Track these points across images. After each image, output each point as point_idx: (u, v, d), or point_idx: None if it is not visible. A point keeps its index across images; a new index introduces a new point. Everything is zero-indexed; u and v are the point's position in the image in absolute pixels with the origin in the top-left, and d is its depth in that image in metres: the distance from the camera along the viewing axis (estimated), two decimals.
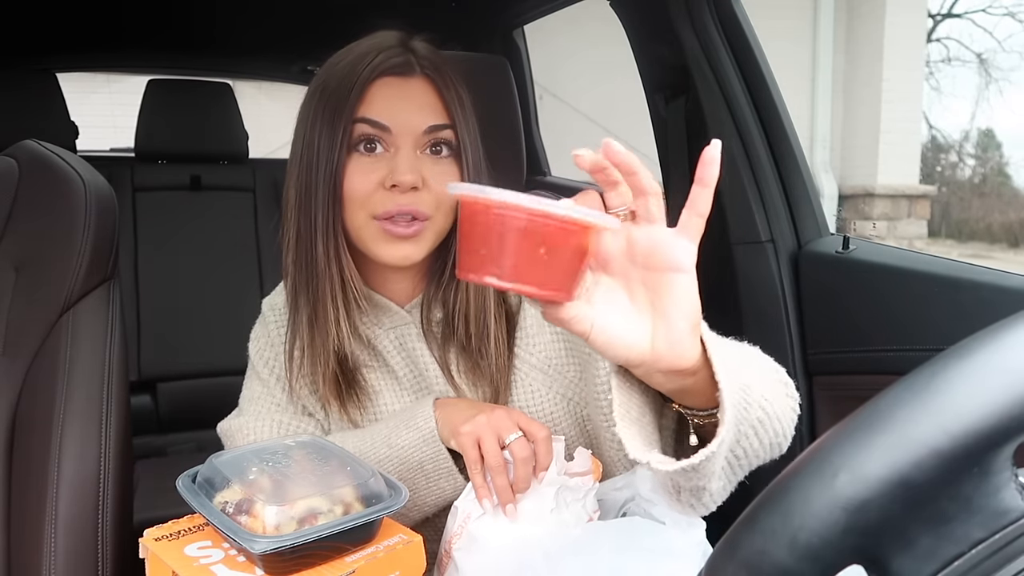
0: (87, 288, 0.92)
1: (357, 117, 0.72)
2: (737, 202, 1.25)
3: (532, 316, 0.79)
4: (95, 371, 0.90)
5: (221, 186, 2.26)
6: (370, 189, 0.72)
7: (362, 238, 0.74)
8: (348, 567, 0.61)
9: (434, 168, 0.74)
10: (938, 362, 0.28)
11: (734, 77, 1.24)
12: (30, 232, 0.94)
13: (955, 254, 6.83)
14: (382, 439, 0.78)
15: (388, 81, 0.73)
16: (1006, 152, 8.92)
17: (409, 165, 0.71)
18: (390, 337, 0.80)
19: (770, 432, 0.61)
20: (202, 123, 2.21)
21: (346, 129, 0.71)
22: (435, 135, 0.74)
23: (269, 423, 0.85)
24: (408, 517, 0.79)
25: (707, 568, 0.29)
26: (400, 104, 0.73)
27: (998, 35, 8.65)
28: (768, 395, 0.61)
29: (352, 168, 0.72)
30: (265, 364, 0.88)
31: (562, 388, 0.79)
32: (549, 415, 0.80)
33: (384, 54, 0.74)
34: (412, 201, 0.72)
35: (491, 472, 0.71)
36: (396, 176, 0.71)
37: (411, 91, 0.74)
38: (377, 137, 0.73)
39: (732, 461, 0.60)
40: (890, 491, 0.26)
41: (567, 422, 0.80)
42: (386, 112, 0.72)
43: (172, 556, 0.63)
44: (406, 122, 0.73)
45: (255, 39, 2.26)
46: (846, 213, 5.86)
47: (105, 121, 3.25)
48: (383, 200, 0.72)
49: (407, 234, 0.72)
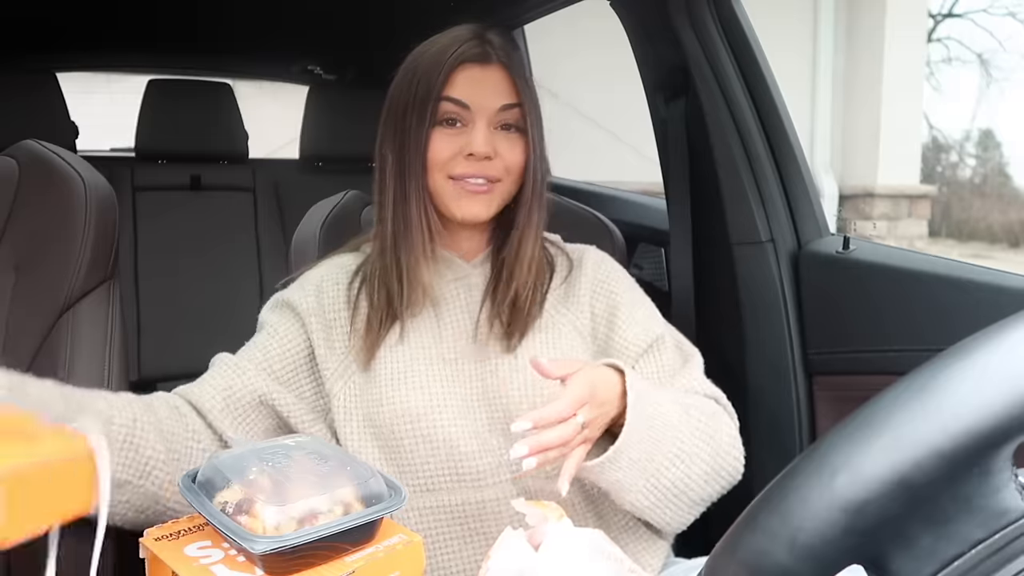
0: (87, 288, 0.92)
1: (443, 96, 0.85)
2: (737, 202, 1.25)
3: (586, 287, 0.94)
4: (95, 371, 0.90)
5: (221, 186, 2.26)
6: (449, 155, 0.85)
7: (441, 196, 0.87)
8: (348, 567, 0.61)
9: (504, 142, 0.87)
10: (938, 362, 0.28)
11: (734, 77, 1.24)
12: (30, 232, 0.94)
13: (955, 254, 6.84)
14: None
15: (468, 67, 0.86)
16: (1006, 152, 8.93)
17: (484, 138, 0.85)
18: (451, 288, 0.92)
19: (698, 463, 0.83)
20: (202, 123, 2.21)
21: (434, 107, 0.84)
22: (506, 114, 0.87)
23: (241, 367, 0.88)
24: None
25: (707, 568, 0.29)
26: (478, 87, 0.86)
27: (999, 35, 8.66)
28: (684, 429, 0.83)
29: (436, 138, 0.86)
30: (292, 320, 0.91)
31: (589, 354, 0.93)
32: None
33: (466, 45, 0.86)
34: (485, 167, 0.86)
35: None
36: (473, 147, 0.84)
37: (488, 76, 0.86)
38: (457, 114, 0.86)
39: (664, 490, 0.83)
40: (890, 491, 0.26)
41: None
42: (466, 93, 0.85)
43: (172, 556, 0.63)
44: (482, 101, 0.85)
45: (255, 39, 2.26)
46: (846, 213, 5.86)
47: (105, 121, 3.25)
48: (460, 164, 0.86)
49: (480, 190, 0.86)
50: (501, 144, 0.86)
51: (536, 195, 0.89)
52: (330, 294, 0.92)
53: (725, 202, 1.26)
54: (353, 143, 2.36)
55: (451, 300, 0.92)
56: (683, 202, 1.34)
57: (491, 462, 0.86)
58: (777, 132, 1.24)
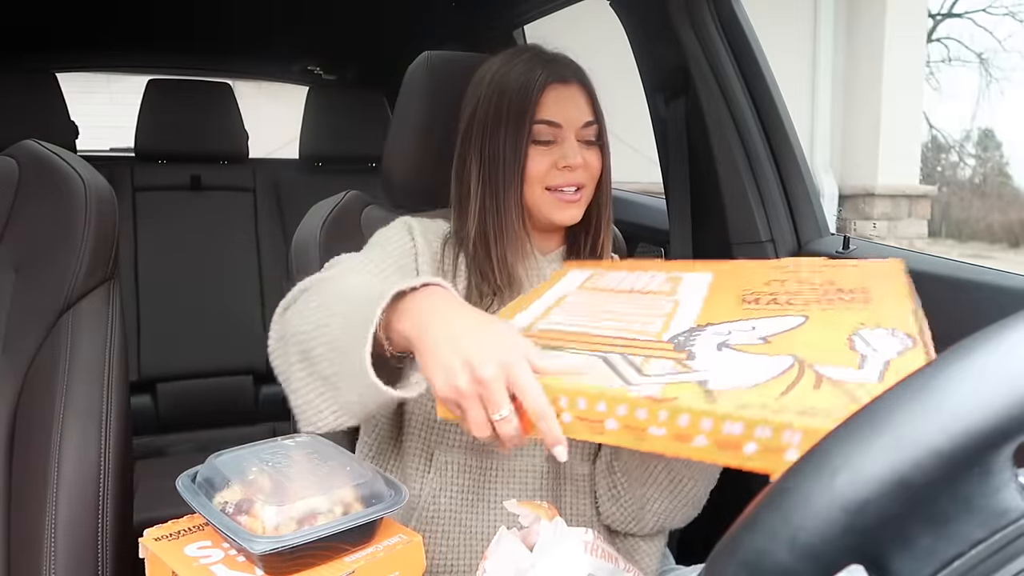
0: (87, 288, 0.92)
1: (538, 119, 0.93)
2: (737, 202, 1.25)
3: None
4: (95, 371, 0.90)
5: (221, 186, 2.26)
6: (545, 170, 0.94)
7: (539, 206, 0.95)
8: (348, 567, 0.61)
9: (587, 152, 0.96)
10: (938, 362, 0.28)
11: (734, 77, 1.24)
12: (30, 232, 0.94)
13: (955, 254, 6.83)
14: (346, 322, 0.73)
15: (555, 88, 0.94)
16: (1006, 152, 8.93)
17: (575, 151, 0.93)
18: (531, 278, 0.99)
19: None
20: (202, 123, 2.21)
21: (530, 128, 0.92)
22: (587, 130, 0.96)
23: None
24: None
25: (707, 568, 0.29)
26: (566, 106, 0.94)
27: (998, 35, 8.66)
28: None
29: (533, 155, 0.93)
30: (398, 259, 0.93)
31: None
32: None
33: (549, 68, 0.94)
34: (576, 177, 0.94)
35: (476, 435, 0.65)
36: (568, 159, 0.93)
37: (572, 95, 0.95)
38: (552, 133, 0.94)
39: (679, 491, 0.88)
40: (890, 491, 0.26)
41: None
42: (558, 113, 0.93)
43: (172, 556, 0.63)
44: (570, 119, 0.94)
45: (255, 39, 2.26)
46: (846, 213, 5.86)
47: (105, 121, 3.25)
48: (555, 176, 0.94)
49: (574, 199, 0.95)
50: (586, 155, 0.95)
51: (609, 196, 1.00)
52: (433, 243, 0.97)
53: (725, 202, 1.26)
54: (353, 143, 2.36)
55: (528, 286, 0.98)
56: (683, 202, 1.34)
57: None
58: (777, 132, 1.24)
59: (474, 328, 0.65)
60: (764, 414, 0.52)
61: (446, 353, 0.63)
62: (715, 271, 0.88)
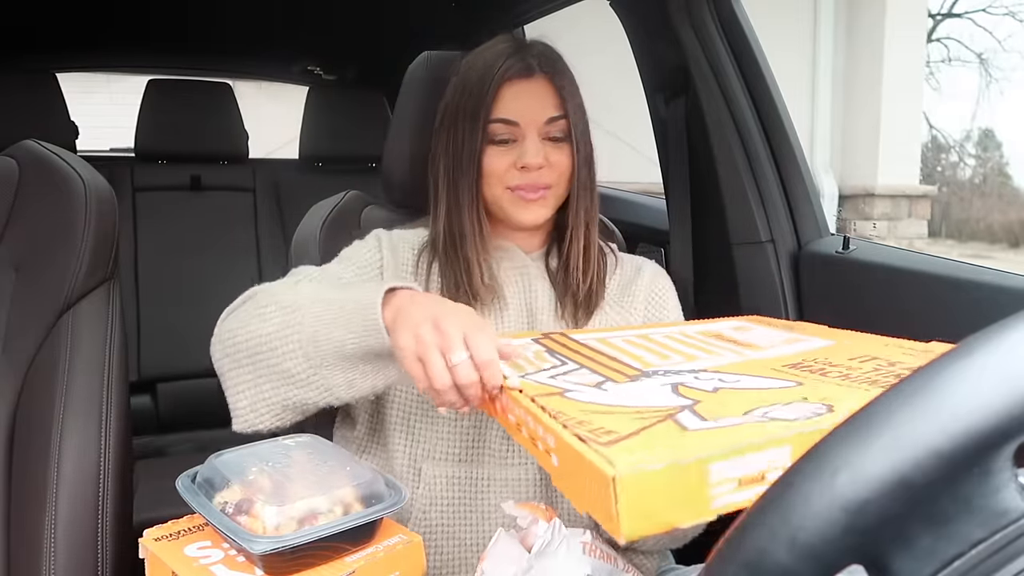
0: (87, 288, 0.92)
1: (492, 118, 0.88)
2: (737, 202, 1.25)
3: (642, 294, 1.00)
4: (95, 371, 0.90)
5: (221, 186, 2.26)
6: (504, 169, 0.90)
7: (501, 205, 0.92)
8: (348, 567, 0.61)
9: (553, 150, 0.91)
10: (938, 362, 0.28)
11: (734, 77, 1.24)
12: (30, 232, 0.94)
13: (955, 254, 6.83)
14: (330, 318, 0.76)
15: (514, 83, 0.89)
16: (1006, 152, 8.92)
17: (535, 150, 0.89)
18: (513, 276, 0.96)
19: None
20: (202, 123, 2.21)
21: (484, 127, 0.88)
22: (552, 126, 0.90)
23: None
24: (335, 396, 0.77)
25: (707, 568, 0.29)
26: (525, 102, 0.89)
27: (998, 35, 8.66)
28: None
29: (490, 154, 0.90)
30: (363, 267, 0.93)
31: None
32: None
33: (509, 61, 0.89)
34: (538, 176, 0.90)
35: (437, 393, 0.67)
36: (525, 159, 0.88)
37: (533, 89, 0.90)
38: (508, 132, 0.89)
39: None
40: (890, 491, 0.26)
41: None
42: (515, 111, 0.89)
43: (172, 556, 0.63)
44: (531, 116, 0.89)
45: (255, 39, 2.26)
46: (846, 213, 5.86)
47: (105, 121, 3.25)
48: (515, 176, 0.90)
49: (535, 198, 0.90)
50: (551, 153, 0.90)
51: (591, 193, 0.94)
52: (403, 255, 0.96)
53: (725, 202, 1.26)
54: (353, 143, 2.36)
55: (514, 286, 0.96)
56: (683, 202, 1.34)
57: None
58: (777, 132, 1.24)
59: (446, 303, 0.72)
60: (566, 422, 0.52)
61: (416, 315, 0.69)
62: (838, 338, 0.79)
